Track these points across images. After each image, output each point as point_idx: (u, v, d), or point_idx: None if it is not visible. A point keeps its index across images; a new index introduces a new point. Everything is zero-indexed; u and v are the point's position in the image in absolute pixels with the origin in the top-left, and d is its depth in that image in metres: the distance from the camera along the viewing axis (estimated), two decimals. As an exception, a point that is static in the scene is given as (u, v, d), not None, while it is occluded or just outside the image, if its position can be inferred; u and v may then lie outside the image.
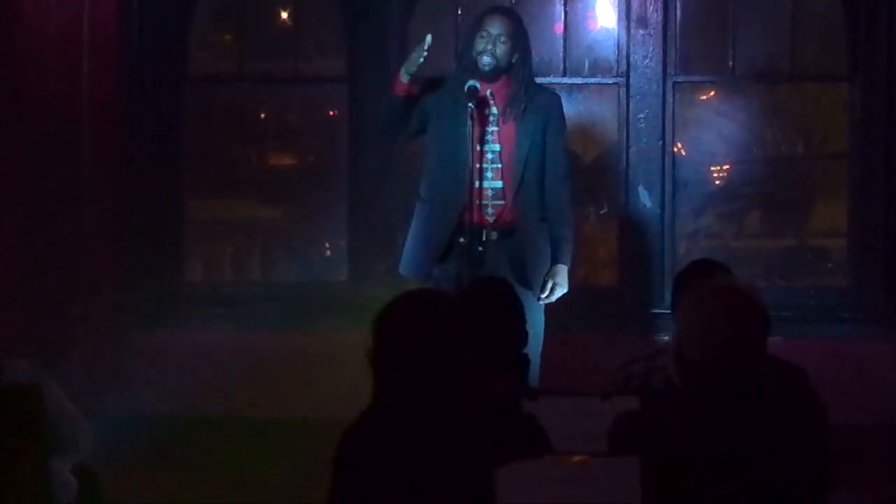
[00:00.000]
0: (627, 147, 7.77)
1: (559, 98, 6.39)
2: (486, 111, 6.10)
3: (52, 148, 7.44)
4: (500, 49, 6.12)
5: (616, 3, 7.83)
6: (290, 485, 6.19)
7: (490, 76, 6.10)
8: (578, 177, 7.24)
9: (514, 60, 6.15)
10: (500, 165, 6.13)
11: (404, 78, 6.07)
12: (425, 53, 6.00)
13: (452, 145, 6.05)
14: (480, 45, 6.12)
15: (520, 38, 6.19)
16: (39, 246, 7.33)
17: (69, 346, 7.36)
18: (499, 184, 6.12)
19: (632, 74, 7.77)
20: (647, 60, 7.76)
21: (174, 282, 8.00)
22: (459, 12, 7.75)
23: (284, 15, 8.44)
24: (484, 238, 6.06)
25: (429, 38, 6.02)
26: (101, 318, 7.65)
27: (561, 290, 6.13)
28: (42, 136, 7.37)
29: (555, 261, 6.15)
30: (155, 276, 7.84)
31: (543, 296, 6.09)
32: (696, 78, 7.96)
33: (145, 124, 7.88)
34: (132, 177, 7.84)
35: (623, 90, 7.79)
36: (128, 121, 7.85)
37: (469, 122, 5.94)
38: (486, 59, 6.09)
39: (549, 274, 6.12)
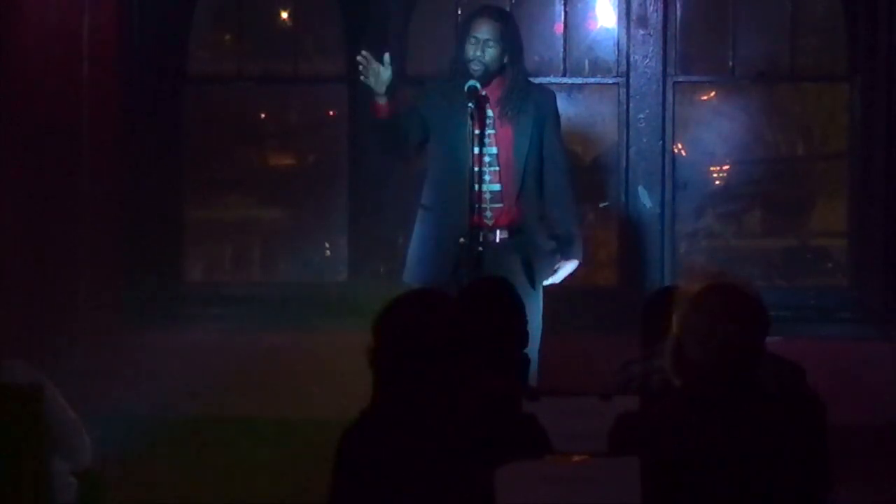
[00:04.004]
0: (627, 147, 7.77)
1: (554, 94, 6.37)
2: (484, 113, 6.09)
3: (51, 148, 7.44)
4: (489, 54, 6.07)
5: (616, 3, 7.83)
6: (290, 485, 6.19)
7: (483, 79, 6.07)
8: (578, 177, 7.24)
9: (505, 62, 6.12)
10: (497, 168, 6.11)
11: (380, 100, 6.02)
12: (389, 71, 5.94)
13: (453, 151, 6.02)
14: (470, 51, 6.07)
15: (509, 37, 6.13)
16: (39, 246, 7.33)
17: (69, 346, 7.36)
18: (497, 187, 6.11)
19: (632, 74, 7.77)
20: (647, 60, 7.76)
21: (174, 282, 8.00)
22: (459, 12, 7.75)
23: (284, 15, 8.44)
24: (482, 240, 6.04)
25: (386, 56, 5.97)
26: (101, 318, 7.65)
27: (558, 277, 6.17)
28: (42, 136, 7.37)
29: (567, 256, 6.15)
30: (155, 276, 7.85)
31: (548, 282, 6.12)
32: (696, 78, 7.96)
33: (145, 124, 7.88)
34: (132, 176, 7.84)
35: (623, 90, 7.79)
36: (128, 121, 7.84)
37: (469, 123, 5.92)
38: (475, 67, 6.04)
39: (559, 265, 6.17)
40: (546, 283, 6.15)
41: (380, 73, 5.92)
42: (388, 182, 7.77)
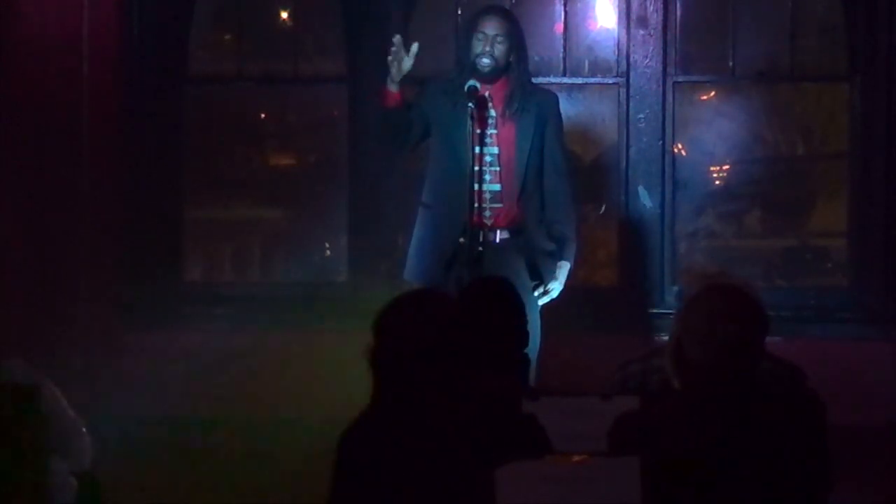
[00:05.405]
0: (627, 147, 7.77)
1: (556, 97, 6.40)
2: (485, 113, 6.10)
3: (52, 148, 7.44)
4: (498, 49, 6.11)
5: (616, 3, 7.83)
6: (290, 485, 6.19)
7: (488, 77, 6.10)
8: (578, 177, 7.26)
9: (511, 60, 6.15)
10: (498, 168, 6.12)
11: (392, 87, 6.06)
12: (411, 62, 6.01)
13: (454, 149, 6.04)
14: (478, 46, 6.11)
15: (516, 37, 6.18)
16: (39, 246, 7.33)
17: (69, 347, 7.36)
18: (497, 187, 6.12)
19: (632, 74, 7.76)
20: (647, 60, 7.76)
21: (174, 282, 8.00)
22: (459, 12, 7.75)
23: (284, 15, 8.44)
24: (481, 239, 6.05)
25: (414, 46, 6.03)
26: (101, 318, 7.65)
27: (556, 291, 6.15)
28: (42, 137, 7.37)
29: (558, 257, 6.16)
30: (155, 276, 7.84)
31: (538, 293, 6.10)
32: (696, 78, 7.95)
33: (145, 124, 7.88)
34: (132, 177, 7.84)
35: (623, 90, 7.79)
36: (128, 121, 7.84)
37: (469, 122, 5.93)
38: (484, 61, 6.08)
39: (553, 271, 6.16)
40: (545, 300, 6.14)
41: (402, 61, 5.99)
42: (388, 182, 7.77)
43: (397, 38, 6.04)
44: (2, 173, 7.07)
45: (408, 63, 6.03)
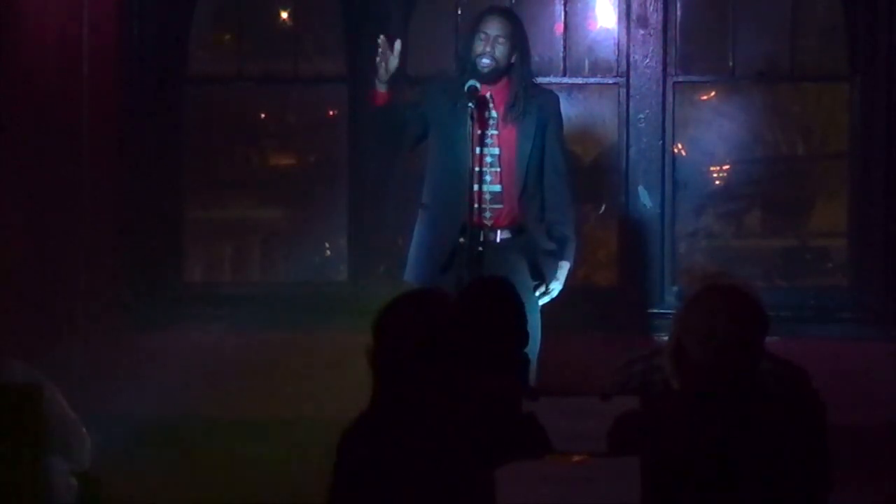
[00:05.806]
0: (627, 147, 7.77)
1: (557, 97, 6.40)
2: (486, 114, 6.10)
3: (52, 147, 7.44)
4: (499, 50, 6.11)
5: (616, 3, 7.83)
6: (290, 485, 6.19)
7: (489, 78, 6.09)
8: (578, 177, 7.26)
9: (513, 61, 6.15)
10: (499, 169, 6.12)
11: (381, 87, 6.06)
12: (396, 60, 6.01)
13: (453, 149, 6.04)
14: (479, 46, 6.11)
15: (518, 38, 6.18)
16: (39, 246, 7.33)
17: (69, 347, 7.36)
18: (497, 188, 6.11)
19: (632, 74, 7.76)
20: (647, 60, 7.76)
21: (174, 282, 8.00)
22: (459, 12, 7.75)
23: (284, 15, 8.44)
24: (482, 239, 6.05)
25: (397, 44, 6.03)
26: (101, 318, 7.65)
27: (556, 290, 6.16)
28: (42, 137, 7.37)
29: (559, 257, 6.17)
30: (155, 276, 7.84)
31: (539, 293, 6.10)
32: (696, 78, 7.95)
33: (145, 124, 7.88)
34: (132, 177, 7.84)
35: (623, 90, 7.78)
36: (127, 121, 7.84)
37: (469, 123, 5.93)
38: (484, 62, 6.08)
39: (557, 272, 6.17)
40: (545, 300, 6.15)
41: (389, 61, 5.98)
42: (388, 182, 7.77)
43: (381, 39, 6.03)
44: (2, 173, 7.07)
45: (394, 62, 6.02)
